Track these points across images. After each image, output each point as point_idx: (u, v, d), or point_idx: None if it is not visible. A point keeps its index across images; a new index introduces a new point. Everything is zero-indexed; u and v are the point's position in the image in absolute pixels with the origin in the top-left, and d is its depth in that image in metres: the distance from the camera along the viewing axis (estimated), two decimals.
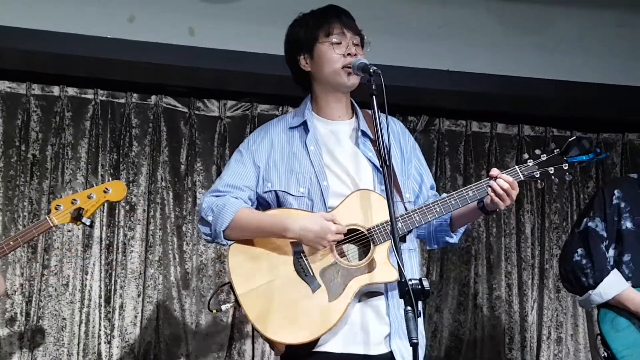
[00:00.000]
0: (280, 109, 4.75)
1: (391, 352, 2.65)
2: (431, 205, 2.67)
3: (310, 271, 2.65)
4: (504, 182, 2.65)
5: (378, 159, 2.69)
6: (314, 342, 2.63)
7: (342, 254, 2.67)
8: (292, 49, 2.86)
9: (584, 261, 3.31)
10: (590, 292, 3.27)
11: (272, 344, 2.70)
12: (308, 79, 2.86)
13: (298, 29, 2.85)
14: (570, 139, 2.73)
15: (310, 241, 2.63)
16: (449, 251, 4.81)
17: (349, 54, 2.75)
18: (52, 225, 3.20)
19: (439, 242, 2.86)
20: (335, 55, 2.76)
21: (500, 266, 4.89)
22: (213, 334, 4.55)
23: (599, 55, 4.70)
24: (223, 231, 2.74)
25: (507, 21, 4.64)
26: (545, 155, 2.72)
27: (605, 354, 3.25)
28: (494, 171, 2.68)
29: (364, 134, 2.80)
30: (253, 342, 4.54)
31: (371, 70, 2.60)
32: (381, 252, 2.63)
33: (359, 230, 2.66)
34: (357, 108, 2.89)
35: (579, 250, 3.33)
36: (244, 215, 2.72)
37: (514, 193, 2.67)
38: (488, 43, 4.61)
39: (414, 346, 2.27)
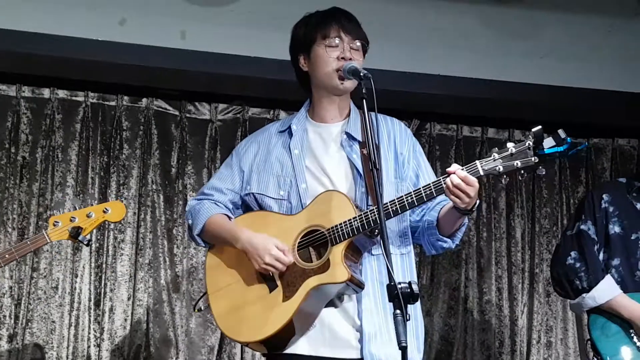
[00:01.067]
0: (271, 112, 4.75)
1: (361, 359, 2.65)
2: (388, 204, 2.60)
3: (272, 273, 2.68)
4: (455, 178, 2.49)
5: (364, 162, 2.69)
6: (285, 342, 2.66)
7: (309, 256, 2.67)
8: (294, 48, 2.88)
9: (577, 264, 3.30)
10: (584, 295, 3.27)
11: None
12: (308, 80, 2.87)
13: (300, 28, 2.87)
14: (533, 129, 2.48)
15: (249, 256, 2.69)
16: (439, 255, 4.81)
17: (342, 58, 2.74)
18: (48, 241, 3.23)
19: (436, 248, 2.83)
20: (330, 58, 2.76)
21: (490, 270, 4.90)
22: (203, 337, 4.54)
23: (589, 60, 4.71)
24: (198, 235, 2.85)
25: (498, 26, 4.66)
26: (514, 148, 2.48)
27: (596, 359, 3.25)
28: (452, 167, 2.54)
29: (349, 136, 2.80)
30: (243, 346, 4.53)
31: (361, 74, 2.60)
32: (337, 252, 2.61)
33: (320, 230, 2.66)
34: (355, 110, 2.86)
35: (573, 254, 3.33)
36: (213, 222, 2.82)
37: (471, 190, 2.50)
38: (479, 48, 4.62)
39: (403, 350, 2.25)
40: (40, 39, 4.14)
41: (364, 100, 2.55)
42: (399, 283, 2.30)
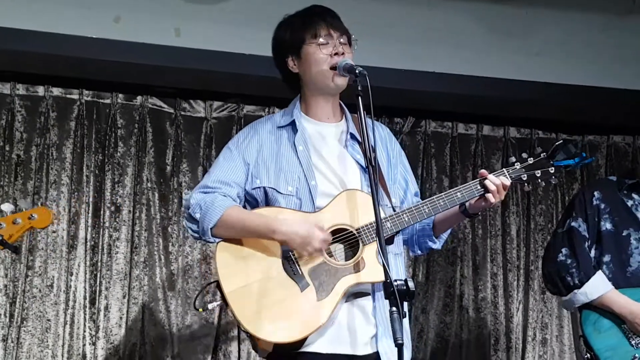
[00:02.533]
0: (266, 110, 4.74)
1: (377, 353, 2.65)
2: (420, 205, 2.68)
3: (299, 270, 2.65)
4: (495, 179, 2.71)
5: (365, 161, 2.70)
6: (301, 342, 2.62)
7: (329, 254, 2.67)
8: (280, 52, 2.86)
9: (569, 261, 3.32)
10: (575, 291, 3.28)
11: (258, 344, 2.68)
12: (297, 81, 2.86)
13: (284, 31, 2.85)
14: (556, 143, 2.77)
15: (296, 245, 2.63)
16: (434, 252, 4.81)
17: (335, 54, 2.75)
18: None
19: (422, 248, 2.87)
20: (322, 55, 2.76)
21: (485, 267, 4.91)
22: (199, 335, 4.53)
23: (584, 57, 4.72)
24: (210, 229, 2.72)
25: (492, 24, 4.66)
26: (532, 158, 2.77)
27: (588, 355, 3.26)
28: (484, 172, 2.72)
29: (352, 137, 2.81)
30: (239, 344, 4.53)
31: (357, 71, 2.60)
32: (370, 252, 2.64)
33: (347, 230, 2.66)
34: (347, 111, 2.88)
35: (564, 250, 3.35)
36: (232, 214, 2.70)
37: (503, 193, 2.73)
38: (474, 45, 4.62)
39: (399, 347, 2.26)
40: (35, 37, 4.12)
41: (359, 98, 2.56)
42: (395, 280, 2.31)
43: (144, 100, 4.63)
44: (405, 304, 2.34)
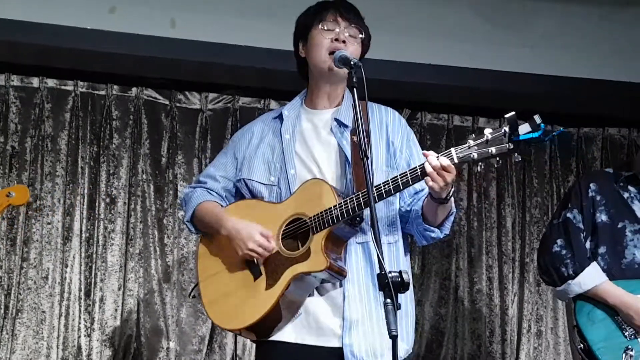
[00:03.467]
0: (262, 102, 4.73)
1: (342, 348, 2.65)
2: (366, 192, 2.52)
3: (257, 260, 2.70)
4: (433, 160, 2.50)
5: (354, 150, 2.68)
6: (270, 329, 2.68)
7: (295, 245, 2.68)
8: (295, 37, 2.89)
9: (563, 252, 3.32)
10: (570, 281, 3.29)
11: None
12: (306, 67, 2.86)
13: (301, 17, 2.89)
14: (507, 115, 2.48)
15: (233, 241, 2.71)
16: (429, 244, 4.80)
17: (336, 40, 2.74)
18: None
19: (426, 238, 2.81)
20: (324, 39, 2.76)
21: (481, 260, 4.91)
22: (194, 327, 4.54)
23: (581, 50, 4.71)
24: (189, 222, 2.88)
25: (489, 15, 4.65)
26: (490, 135, 2.48)
27: (582, 345, 3.27)
28: (427, 152, 2.54)
29: (339, 122, 2.79)
30: (234, 335, 4.53)
31: (352, 63, 2.58)
32: (317, 241, 2.62)
33: (303, 219, 2.66)
34: (349, 98, 2.81)
35: (559, 241, 3.35)
36: (201, 208, 2.85)
37: (448, 175, 2.50)
38: (470, 37, 4.61)
39: (394, 339, 2.25)
40: (30, 28, 4.11)
41: (355, 89, 2.54)
42: (390, 272, 2.29)
43: (139, 91, 4.61)
44: (402, 295, 2.32)
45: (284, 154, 2.78)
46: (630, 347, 3.19)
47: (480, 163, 2.51)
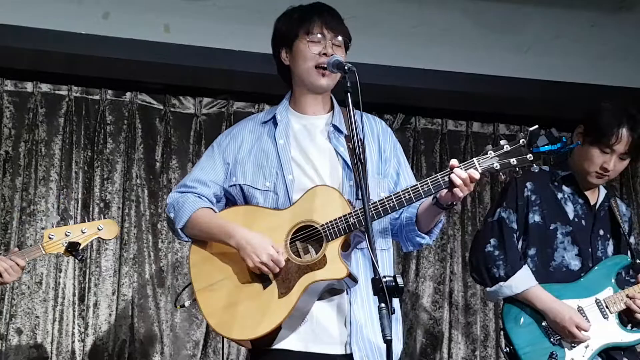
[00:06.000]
0: (256, 106, 4.74)
1: (351, 354, 2.63)
2: (385, 200, 2.60)
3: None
4: (462, 172, 2.55)
5: (350, 156, 2.68)
6: (272, 338, 2.63)
7: (296, 252, 2.66)
8: (276, 42, 2.86)
9: (496, 252, 3.28)
10: (501, 283, 3.24)
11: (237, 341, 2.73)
12: (289, 73, 2.85)
13: (282, 23, 2.85)
14: (531, 129, 2.55)
15: (245, 253, 2.63)
16: (424, 249, 4.83)
17: (324, 54, 2.73)
18: (43, 253, 3.30)
19: (414, 243, 2.82)
20: (311, 53, 2.75)
21: None
22: (188, 332, 4.53)
23: (573, 55, 4.74)
24: (181, 229, 2.77)
25: (482, 20, 4.67)
26: (509, 146, 2.57)
27: (508, 349, 3.25)
28: (453, 163, 2.58)
29: (336, 128, 2.80)
30: (229, 340, 4.52)
31: (346, 68, 2.59)
32: (333, 248, 2.61)
33: (314, 226, 2.64)
34: (336, 104, 2.87)
35: (492, 241, 3.30)
36: (199, 216, 2.74)
37: (472, 186, 2.58)
38: (464, 42, 4.63)
39: (388, 343, 2.25)
40: (23, 32, 4.11)
41: (349, 94, 2.55)
42: (384, 276, 2.30)
43: (133, 96, 4.62)
44: (396, 300, 2.34)
45: (280, 159, 2.75)
46: (555, 352, 3.17)
47: (501, 174, 2.58)
